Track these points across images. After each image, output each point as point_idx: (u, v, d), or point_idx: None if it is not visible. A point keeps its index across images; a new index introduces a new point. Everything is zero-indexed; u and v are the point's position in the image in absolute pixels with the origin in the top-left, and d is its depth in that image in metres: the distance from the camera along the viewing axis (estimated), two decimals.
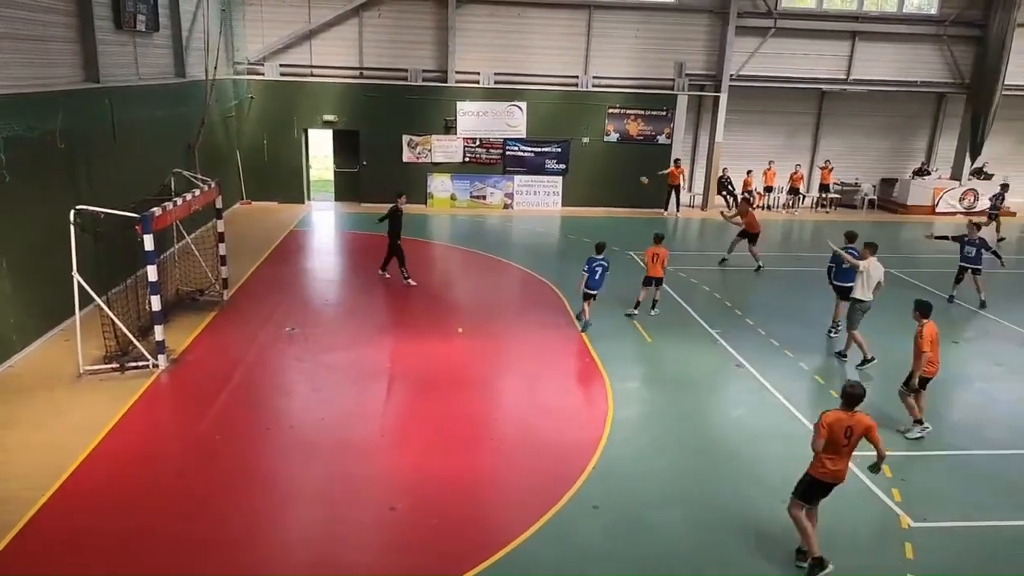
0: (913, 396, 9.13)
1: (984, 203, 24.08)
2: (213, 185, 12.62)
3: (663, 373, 10.83)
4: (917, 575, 6.49)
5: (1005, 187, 21.72)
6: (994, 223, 20.71)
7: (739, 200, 20.57)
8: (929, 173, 25.43)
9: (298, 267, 16.72)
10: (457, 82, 22.81)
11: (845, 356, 11.56)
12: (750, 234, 16.94)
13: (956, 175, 25.52)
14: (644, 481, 7.95)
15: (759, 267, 16.76)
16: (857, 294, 11.14)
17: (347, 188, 23.58)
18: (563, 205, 23.65)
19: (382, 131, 22.63)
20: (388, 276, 15.02)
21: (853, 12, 24.03)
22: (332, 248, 19.29)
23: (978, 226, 14.69)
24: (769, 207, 25.05)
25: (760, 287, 15.85)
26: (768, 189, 24.94)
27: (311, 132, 23.59)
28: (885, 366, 11.13)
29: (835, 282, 12.49)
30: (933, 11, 24.23)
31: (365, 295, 14.43)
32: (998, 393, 10.71)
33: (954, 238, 14.83)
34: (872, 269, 11.05)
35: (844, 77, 24.51)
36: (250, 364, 10.77)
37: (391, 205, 14.69)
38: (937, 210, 24.85)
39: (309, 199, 23.71)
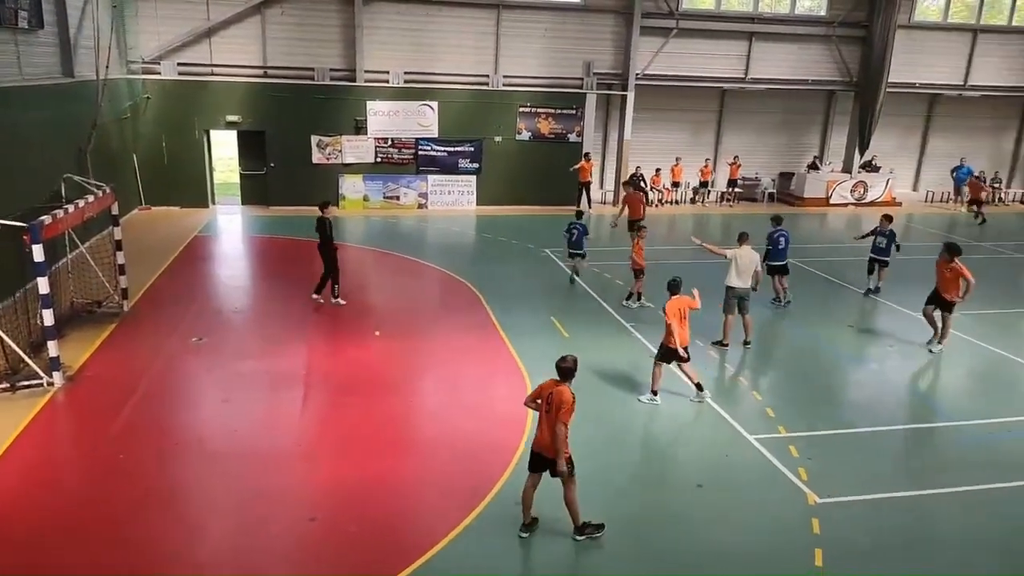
0: (658, 367, 9.88)
1: (873, 194, 25.76)
2: (108, 191, 11.97)
3: (581, 367, 10.98)
4: (824, 549, 6.82)
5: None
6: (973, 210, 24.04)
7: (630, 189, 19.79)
8: (819, 168, 26.80)
9: (204, 274, 16.09)
10: (366, 81, 22.47)
11: (749, 343, 12.03)
12: (631, 220, 17.44)
13: (847, 168, 27.01)
14: None
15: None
16: (727, 281, 11.80)
17: (254, 191, 22.84)
18: (478, 204, 23.67)
19: (289, 132, 22.03)
20: (322, 300, 13.53)
21: (749, 13, 25.05)
22: (240, 254, 18.64)
23: (889, 218, 15.13)
24: (677, 202, 25.89)
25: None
26: (676, 184, 25.75)
27: (213, 133, 22.74)
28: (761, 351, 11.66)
29: (768, 262, 13.56)
30: (823, 13, 25.55)
31: (276, 301, 14.02)
32: (890, 373, 11.39)
33: (869, 233, 15.35)
34: (741, 258, 11.65)
35: (743, 76, 25.54)
36: (155, 377, 10.29)
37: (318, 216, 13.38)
38: (831, 202, 26.23)
39: (214, 203, 22.84)
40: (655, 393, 9.85)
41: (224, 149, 27.17)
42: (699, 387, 9.88)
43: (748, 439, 8.91)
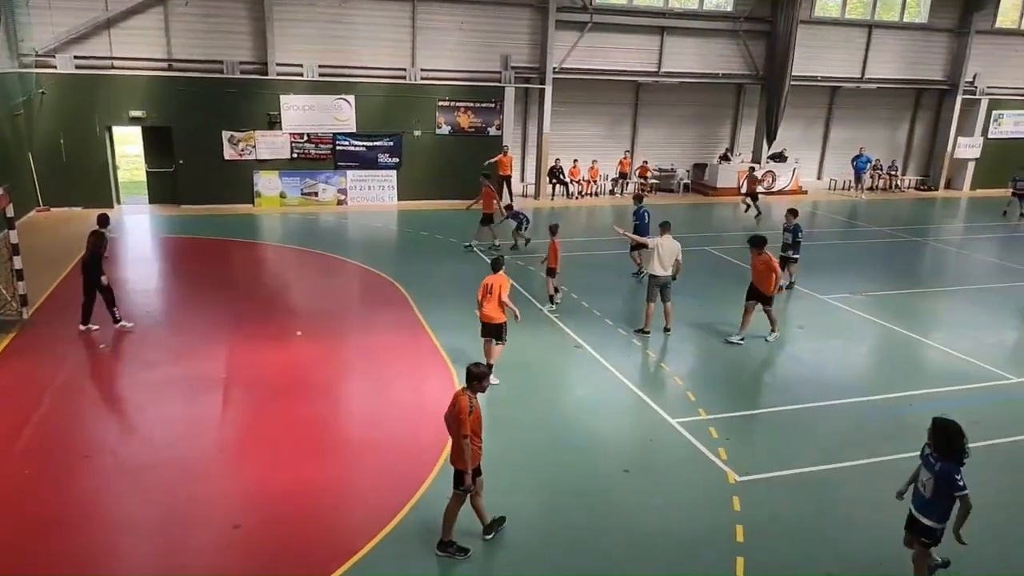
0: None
1: (781, 183, 26.95)
2: (1, 191, 11.24)
3: (508, 359, 11.02)
4: (745, 525, 7.10)
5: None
6: None
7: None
8: (730, 159, 27.77)
9: (111, 277, 15.19)
10: (279, 75, 21.87)
11: (669, 330, 12.37)
12: (484, 215, 17.48)
13: (756, 159, 28.06)
14: (497, 467, 8.06)
15: (469, 245, 17.65)
16: (649, 269, 12.15)
17: (163, 190, 21.92)
18: (399, 199, 23.43)
19: (198, 127, 21.22)
20: (96, 328, 11.59)
21: (660, 8, 25.63)
22: (150, 255, 17.80)
23: (795, 212, 15.07)
24: (596, 194, 26.33)
25: (594, 270, 16.55)
26: (593, 183, 26.24)
27: (116, 129, 21.69)
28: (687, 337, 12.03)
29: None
30: (729, 8, 26.41)
31: (191, 304, 13.52)
32: (801, 353, 11.93)
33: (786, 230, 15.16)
34: (663, 247, 11.97)
35: (656, 70, 26.14)
36: (60, 387, 9.74)
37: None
38: (742, 191, 27.16)
39: (119, 203, 21.79)
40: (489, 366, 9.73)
41: (129, 146, 25.95)
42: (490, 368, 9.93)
43: (671, 423, 9.17)
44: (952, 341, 12.30)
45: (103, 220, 12.05)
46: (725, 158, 27.85)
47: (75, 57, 20.26)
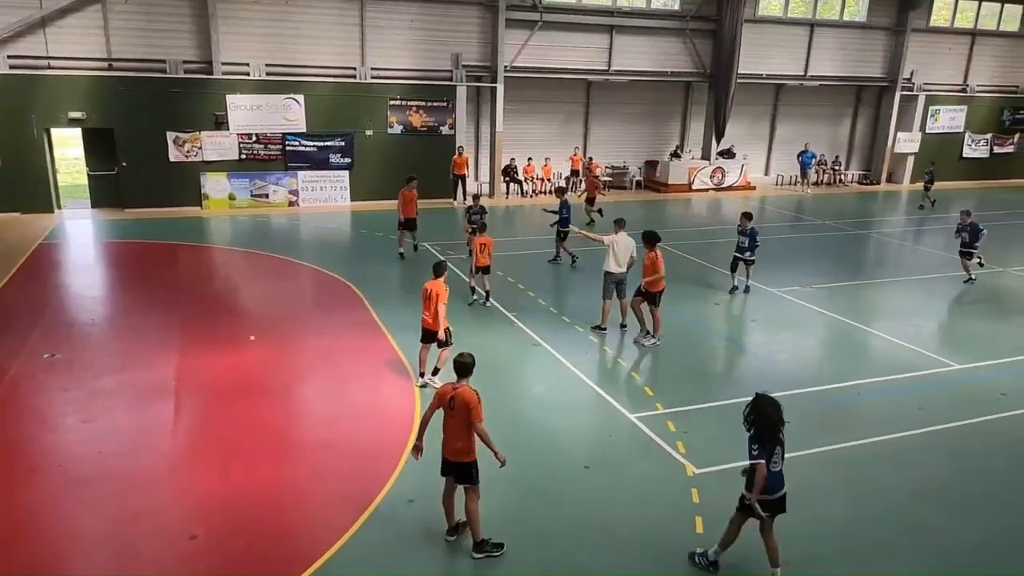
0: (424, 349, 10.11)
1: (730, 179, 27.52)
2: None
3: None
4: (704, 516, 7.22)
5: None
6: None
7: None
8: (680, 156, 28.21)
9: (53, 285, 14.81)
10: (225, 74, 21.41)
11: (625, 326, 12.50)
12: (405, 219, 16.51)
13: (706, 155, 28.56)
14: None
15: (401, 253, 16.57)
16: (605, 267, 12.14)
17: (106, 193, 21.27)
18: (352, 200, 23.17)
19: (142, 128, 20.66)
20: None
21: (609, 7, 25.87)
22: (94, 261, 17.23)
23: (749, 216, 15.07)
24: (551, 192, 26.41)
25: (550, 268, 16.63)
26: (548, 181, 26.38)
27: (55, 131, 20.96)
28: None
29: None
30: (676, 7, 26.80)
31: (138, 310, 13.14)
32: (754, 346, 12.19)
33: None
34: (618, 244, 12.05)
35: (606, 68, 26.38)
36: (2, 400, 9.38)
37: None
38: (693, 187, 27.67)
39: (60, 207, 21.07)
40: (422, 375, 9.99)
41: (69, 148, 25.11)
42: (422, 374, 10.02)
43: (629, 418, 9.28)
44: (896, 330, 12.72)
45: None
46: (676, 155, 28.28)
47: (8, 57, 19.51)
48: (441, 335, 9.69)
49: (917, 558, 6.77)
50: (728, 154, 28.69)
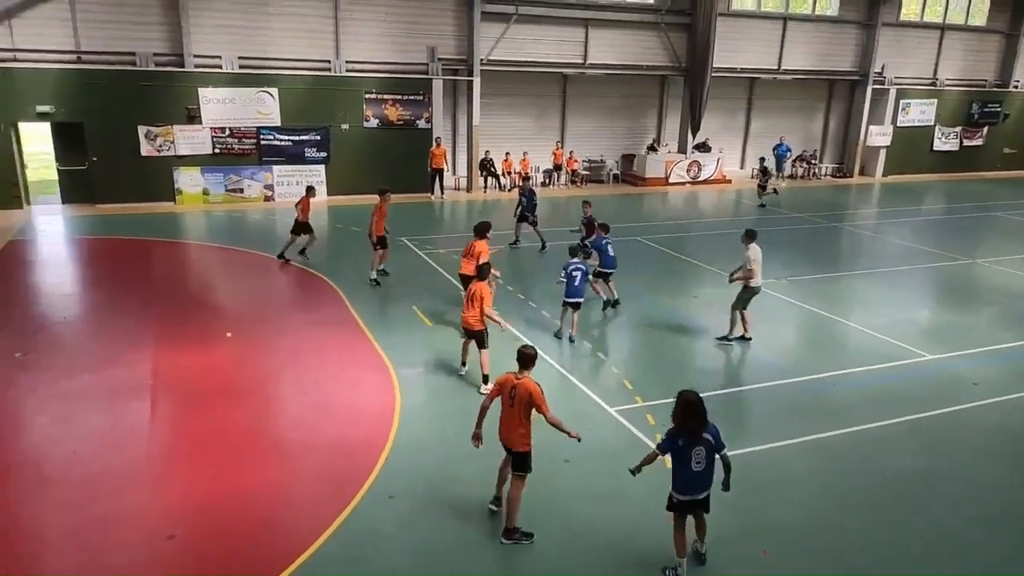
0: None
1: (706, 172, 27.70)
2: None
3: (446, 356, 10.97)
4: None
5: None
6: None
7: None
8: (657, 150, 28.32)
9: (22, 283, 14.52)
10: (196, 67, 21.09)
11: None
12: (301, 225, 15.59)
13: (682, 149, 28.71)
14: (437, 464, 8.06)
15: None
16: (753, 282, 11.55)
17: (77, 188, 20.84)
18: (329, 194, 22.96)
19: (112, 122, 20.28)
20: None
21: (584, 1, 25.82)
22: (65, 258, 16.87)
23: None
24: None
25: (532, 265, 16.63)
26: (526, 177, 26.28)
27: (23, 126, 20.52)
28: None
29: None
30: (651, 1, 26.85)
31: (110, 308, 12.92)
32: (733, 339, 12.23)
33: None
34: (759, 258, 11.54)
35: (582, 61, 26.38)
36: None
37: None
38: (670, 181, 27.80)
39: (29, 203, 20.63)
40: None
41: (38, 143, 24.58)
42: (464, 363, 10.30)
43: (609, 411, 9.32)
44: (870, 321, 12.91)
45: None
46: (652, 148, 28.39)
47: None
48: (491, 318, 9.57)
49: (897, 546, 6.88)
50: (704, 147, 28.87)
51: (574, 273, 11.46)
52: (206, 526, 6.86)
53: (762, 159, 25.90)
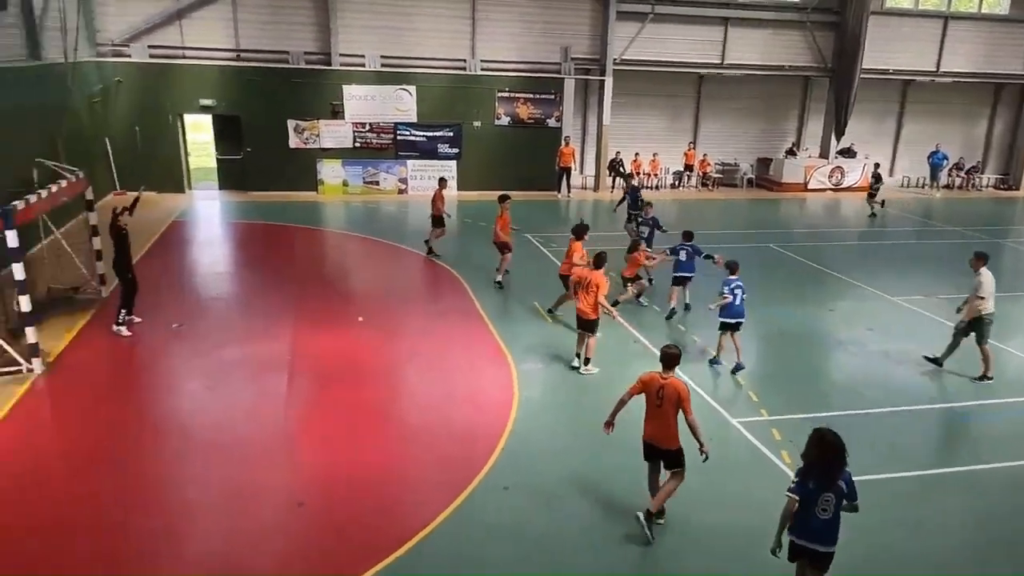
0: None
1: (850, 179, 26.20)
2: (80, 176, 11.72)
3: (565, 352, 10.99)
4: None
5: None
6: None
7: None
8: (796, 154, 27.03)
9: (183, 260, 15.87)
10: (342, 65, 22.21)
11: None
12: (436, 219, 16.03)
13: (824, 154, 27.27)
14: (552, 459, 8.09)
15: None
16: (987, 310, 10.72)
17: (232, 176, 22.52)
18: (459, 189, 23.55)
19: (265, 116, 21.74)
20: (129, 331, 11.03)
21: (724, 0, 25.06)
22: (218, 239, 18.34)
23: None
24: (658, 187, 26.01)
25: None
26: (654, 174, 25.94)
27: (188, 117, 22.38)
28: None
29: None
30: None
31: (257, 287, 13.88)
32: (867, 356, 11.51)
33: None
34: (991, 282, 10.77)
35: (719, 61, 25.60)
36: (135, 364, 10.15)
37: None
38: (809, 187, 26.49)
39: (190, 188, 22.50)
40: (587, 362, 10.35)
41: (200, 133, 26.70)
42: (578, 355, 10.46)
43: (732, 423, 9.01)
44: None
45: (115, 214, 10.92)
46: (791, 152, 27.14)
47: (149, 47, 20.95)
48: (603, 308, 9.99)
49: None
50: (848, 153, 27.29)
51: (735, 291, 10.27)
52: (332, 498, 7.22)
53: (876, 165, 24.20)
